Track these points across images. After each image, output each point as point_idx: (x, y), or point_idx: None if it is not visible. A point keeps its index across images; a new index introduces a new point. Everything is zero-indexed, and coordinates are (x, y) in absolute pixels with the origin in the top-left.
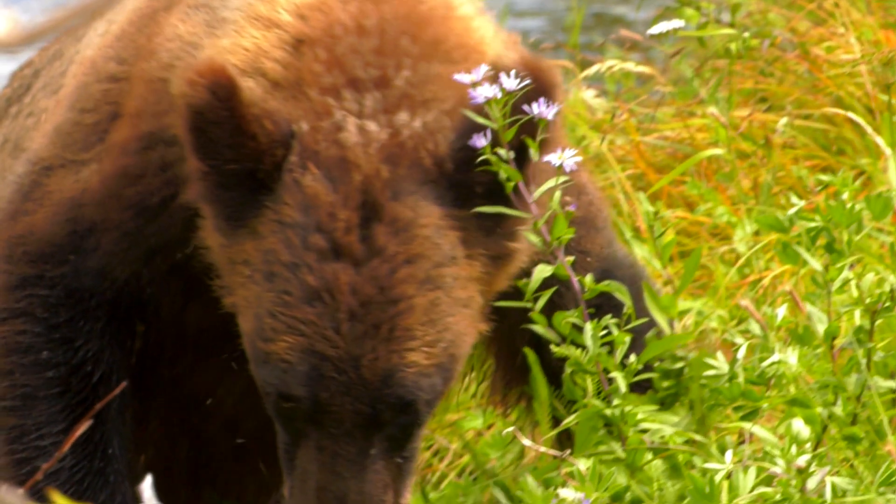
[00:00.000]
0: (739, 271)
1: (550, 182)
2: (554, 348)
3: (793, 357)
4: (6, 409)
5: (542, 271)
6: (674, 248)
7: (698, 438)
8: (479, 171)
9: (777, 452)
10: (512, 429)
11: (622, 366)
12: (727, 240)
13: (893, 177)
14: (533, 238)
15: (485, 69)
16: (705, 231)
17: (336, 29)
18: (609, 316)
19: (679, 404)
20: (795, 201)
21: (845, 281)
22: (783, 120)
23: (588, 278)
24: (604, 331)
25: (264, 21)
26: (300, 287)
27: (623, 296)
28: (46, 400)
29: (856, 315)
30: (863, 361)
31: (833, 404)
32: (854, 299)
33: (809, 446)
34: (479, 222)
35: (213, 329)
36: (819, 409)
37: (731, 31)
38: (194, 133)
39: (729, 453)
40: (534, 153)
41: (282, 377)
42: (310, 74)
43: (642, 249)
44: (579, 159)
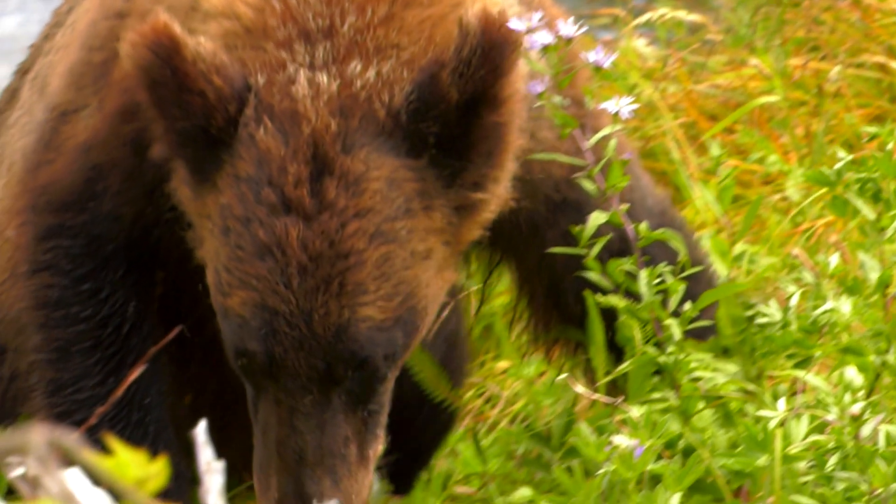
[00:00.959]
0: (792, 219)
1: (607, 129)
2: (599, 297)
3: (845, 305)
4: (43, 362)
5: (597, 218)
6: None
7: (751, 387)
8: (433, 122)
9: (830, 400)
10: (565, 376)
11: (676, 314)
12: (779, 188)
13: None
14: (588, 185)
15: (539, 16)
16: (757, 179)
17: None
18: (664, 263)
19: (735, 352)
20: (842, 155)
21: None
22: (836, 68)
23: (643, 226)
24: (658, 278)
25: None
26: (252, 242)
27: (678, 244)
28: (80, 354)
29: None
30: None
31: (886, 352)
32: None
33: (862, 394)
34: (438, 173)
35: None
36: (872, 357)
37: None
38: (146, 92)
39: (782, 401)
40: (589, 100)
41: (238, 332)
42: (268, 27)
43: (700, 195)
44: (636, 106)
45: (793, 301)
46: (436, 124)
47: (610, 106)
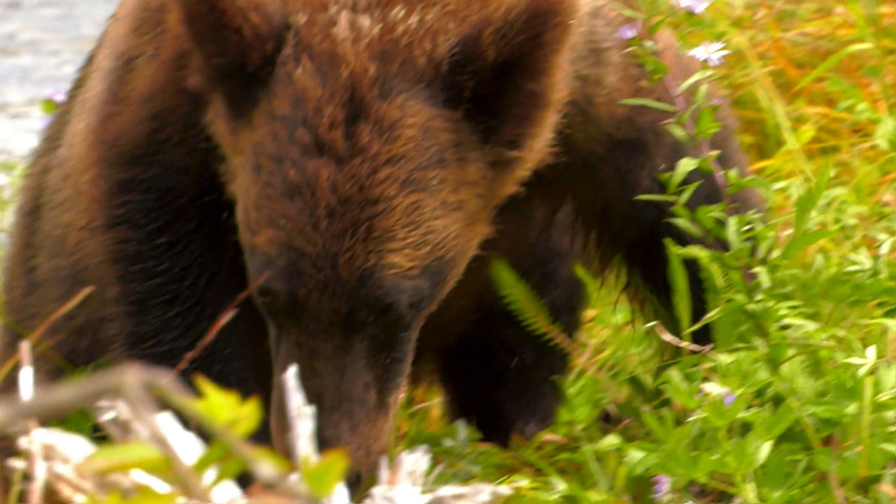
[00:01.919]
0: (881, 168)
1: (697, 75)
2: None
3: None
4: (123, 315)
5: (687, 164)
6: (814, 145)
7: (841, 334)
8: (470, 77)
9: None
10: (653, 323)
11: (763, 261)
12: (868, 137)
13: None
14: (678, 131)
15: None
16: (846, 128)
17: None
18: (753, 210)
19: (822, 300)
20: None
21: None
22: None
23: (733, 172)
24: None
25: None
26: (282, 181)
27: (765, 189)
28: (158, 307)
29: None
30: None
31: None
32: None
33: None
34: (473, 127)
35: None
36: None
37: None
38: (184, 26)
39: (872, 349)
40: (681, 46)
41: (262, 270)
42: None
43: (789, 143)
44: (725, 53)
45: (883, 249)
46: (472, 80)
47: (699, 53)
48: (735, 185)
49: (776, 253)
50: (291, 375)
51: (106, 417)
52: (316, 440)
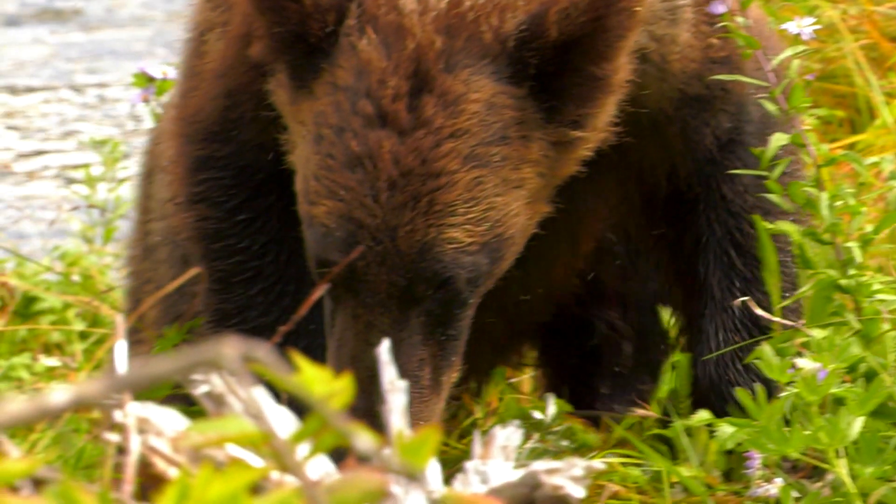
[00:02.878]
0: None
1: (788, 51)
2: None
3: None
4: (208, 291)
5: (779, 139)
6: None
7: None
8: (534, 54)
9: None
10: (745, 299)
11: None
12: None
13: None
14: (770, 106)
15: None
16: None
17: None
18: (846, 185)
19: None
20: None
21: None
22: None
23: (824, 148)
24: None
25: None
26: (343, 152)
27: (857, 164)
28: (241, 284)
29: None
30: None
31: None
32: None
33: None
34: (538, 105)
35: None
36: None
37: None
38: None
39: None
40: (773, 20)
41: (321, 242)
42: None
43: (882, 117)
44: (818, 27)
45: None
46: (536, 57)
47: (791, 27)
48: (826, 160)
49: (869, 228)
50: (385, 349)
51: (200, 391)
52: (367, 414)
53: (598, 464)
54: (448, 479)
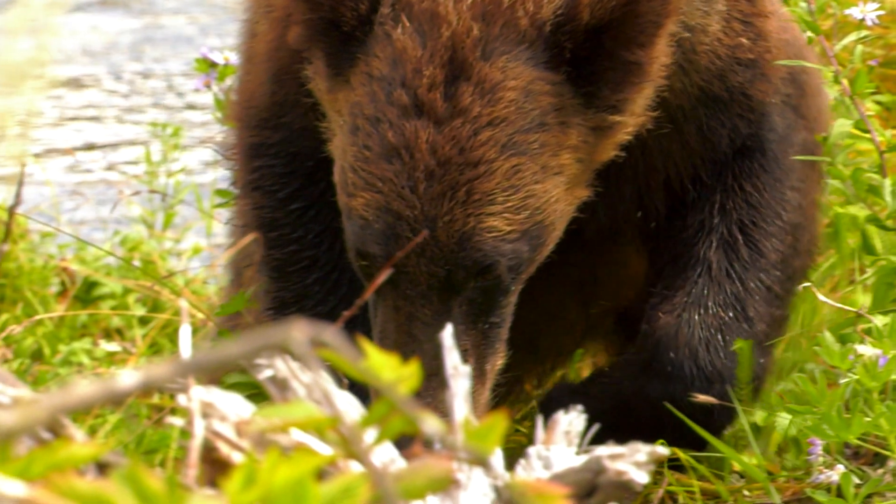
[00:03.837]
0: None
1: (852, 35)
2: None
3: None
4: (267, 277)
5: (842, 125)
6: None
7: None
8: (569, 38)
9: None
10: (808, 284)
11: None
12: None
13: None
14: (833, 92)
15: None
16: None
17: None
18: None
19: None
20: None
21: None
22: None
23: (888, 134)
24: None
25: None
26: (380, 143)
27: None
28: (297, 273)
29: None
30: None
31: None
32: None
33: None
34: (575, 91)
35: None
36: None
37: None
38: None
39: None
40: (836, 5)
41: (360, 234)
42: None
43: None
44: (881, 13)
45: None
46: (570, 41)
47: (855, 12)
48: (891, 148)
49: None
50: (448, 334)
51: (264, 375)
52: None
53: (662, 449)
54: (509, 465)
